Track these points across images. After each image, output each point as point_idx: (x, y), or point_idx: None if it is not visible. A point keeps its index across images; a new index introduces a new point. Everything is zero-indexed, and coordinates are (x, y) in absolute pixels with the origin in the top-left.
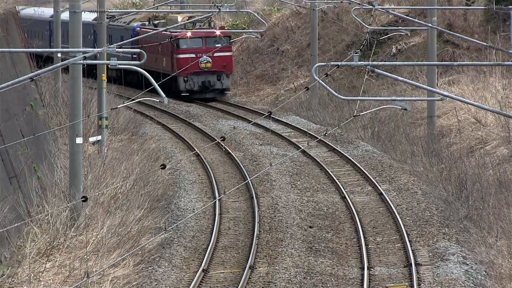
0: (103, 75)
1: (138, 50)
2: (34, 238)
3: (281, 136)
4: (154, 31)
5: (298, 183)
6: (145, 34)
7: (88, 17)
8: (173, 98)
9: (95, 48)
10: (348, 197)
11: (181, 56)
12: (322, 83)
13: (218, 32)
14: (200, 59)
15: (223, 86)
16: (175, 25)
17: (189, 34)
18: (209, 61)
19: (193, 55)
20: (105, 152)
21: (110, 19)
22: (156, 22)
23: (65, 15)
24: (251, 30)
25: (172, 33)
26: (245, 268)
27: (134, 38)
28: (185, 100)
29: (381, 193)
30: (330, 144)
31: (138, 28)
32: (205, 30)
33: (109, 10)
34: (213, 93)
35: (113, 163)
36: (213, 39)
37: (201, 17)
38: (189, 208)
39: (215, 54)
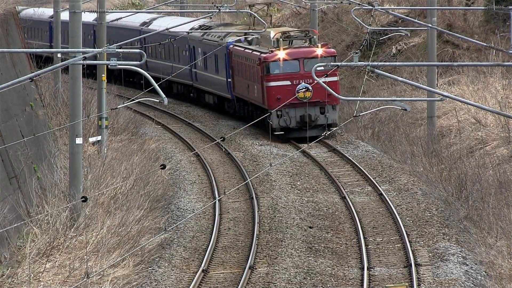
0: (103, 75)
1: (138, 50)
2: (34, 239)
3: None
4: (246, 50)
5: (298, 183)
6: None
7: (134, 20)
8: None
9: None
10: (348, 197)
11: (273, 84)
12: (322, 83)
13: (319, 51)
14: (298, 87)
15: (328, 121)
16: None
17: (282, 54)
18: (309, 89)
19: (288, 82)
20: (105, 152)
21: (205, 32)
22: (250, 38)
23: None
24: (250, 31)
25: (261, 54)
26: (245, 268)
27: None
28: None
29: (381, 194)
30: (330, 144)
31: (231, 46)
32: (303, 49)
33: (108, 11)
34: (316, 131)
35: (113, 163)
36: (314, 61)
37: (296, 32)
38: (189, 209)
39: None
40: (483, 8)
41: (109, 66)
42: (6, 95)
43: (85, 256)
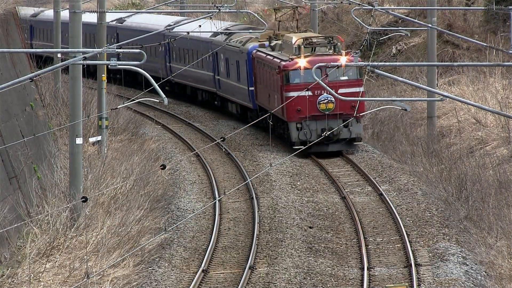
0: (103, 75)
1: (137, 50)
2: (34, 239)
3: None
4: (267, 57)
5: (298, 183)
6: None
7: (158, 23)
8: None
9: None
10: (348, 197)
11: (293, 93)
12: (322, 83)
13: (343, 59)
14: (319, 97)
15: (351, 135)
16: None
17: (302, 62)
18: (331, 100)
19: (310, 93)
20: (105, 152)
21: (227, 37)
22: (273, 43)
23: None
24: (250, 31)
25: (281, 62)
26: (245, 268)
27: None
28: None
29: (381, 194)
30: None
31: (254, 51)
32: (325, 57)
33: (108, 11)
34: (338, 145)
35: (113, 163)
36: (338, 69)
37: (319, 38)
38: (189, 209)
39: (341, 91)
40: (483, 8)
41: (109, 66)
42: (6, 95)
43: (85, 256)
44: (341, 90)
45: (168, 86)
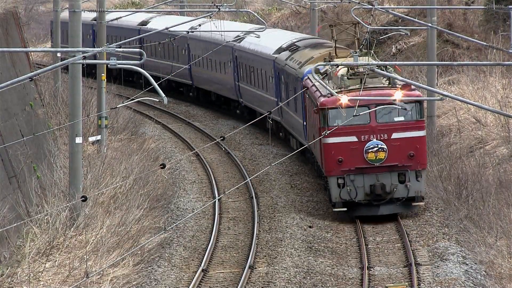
0: (102, 74)
1: (138, 50)
2: (34, 238)
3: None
4: (312, 87)
5: (298, 182)
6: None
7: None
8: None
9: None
10: None
11: (332, 140)
12: (322, 82)
13: (398, 95)
14: (367, 144)
15: (409, 193)
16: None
17: (345, 99)
18: (382, 148)
19: (354, 138)
20: (104, 151)
21: (290, 54)
22: (325, 69)
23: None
24: (250, 30)
25: (320, 97)
26: (245, 268)
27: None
28: None
29: None
30: None
31: (306, 78)
32: (375, 91)
33: (108, 10)
34: (392, 207)
35: (112, 162)
36: (390, 108)
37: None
38: (188, 208)
39: (395, 135)
40: (483, 7)
41: (108, 65)
42: (6, 94)
43: (85, 256)
44: (395, 135)
45: (238, 109)
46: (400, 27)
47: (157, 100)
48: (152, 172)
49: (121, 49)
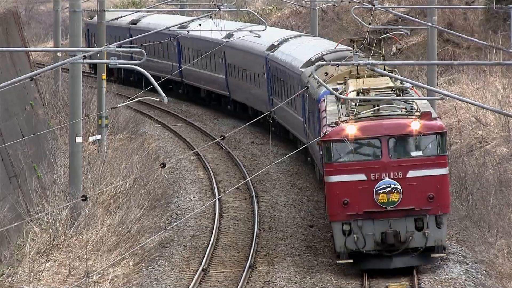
0: (102, 74)
1: (137, 49)
2: (34, 238)
3: (281, 135)
4: (323, 112)
5: (298, 182)
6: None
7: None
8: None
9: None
10: None
11: (336, 178)
12: (322, 82)
13: (416, 125)
14: (378, 184)
15: (427, 243)
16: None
17: (352, 130)
18: (396, 188)
19: (362, 177)
20: (105, 151)
21: (317, 68)
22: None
23: (145, 21)
24: (250, 30)
25: (324, 126)
26: (245, 267)
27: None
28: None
29: None
30: None
31: (322, 100)
32: (388, 121)
33: (108, 10)
34: (407, 259)
35: (113, 162)
36: (406, 140)
37: (385, 89)
38: (189, 207)
39: (411, 174)
40: (483, 7)
41: (109, 65)
42: (6, 94)
43: (85, 255)
44: (411, 173)
45: (273, 126)
46: (400, 27)
47: (158, 99)
48: (153, 171)
49: (121, 49)
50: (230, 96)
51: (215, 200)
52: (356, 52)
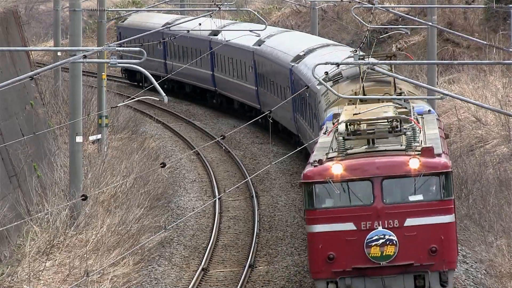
0: (103, 73)
1: (137, 49)
2: (34, 237)
3: (281, 135)
4: (317, 145)
5: (299, 181)
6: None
7: (247, 40)
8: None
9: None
10: None
11: (319, 228)
12: (322, 81)
13: (414, 163)
14: (370, 234)
15: None
16: None
17: (337, 169)
18: (391, 240)
19: (351, 226)
20: (105, 150)
21: (331, 86)
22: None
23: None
24: (250, 29)
25: (307, 165)
26: (245, 267)
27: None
28: None
29: None
30: None
31: (324, 125)
32: (380, 158)
33: (109, 9)
34: None
35: (113, 161)
36: (403, 181)
37: (379, 122)
38: (189, 207)
39: (409, 222)
40: (483, 6)
41: (109, 64)
42: (6, 93)
43: (85, 255)
44: (410, 221)
45: (298, 145)
46: (400, 26)
47: (158, 99)
48: (153, 171)
49: (121, 48)
50: (261, 109)
51: (215, 200)
52: (356, 52)
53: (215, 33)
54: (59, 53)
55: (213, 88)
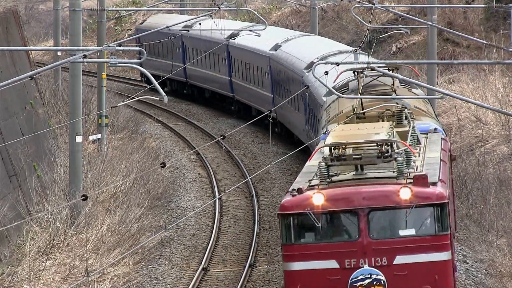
0: (103, 73)
1: (137, 48)
2: (34, 237)
3: (281, 135)
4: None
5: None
6: None
7: (262, 44)
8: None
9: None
10: None
11: (297, 266)
12: (322, 81)
13: (405, 193)
14: (355, 273)
15: None
16: None
17: (318, 199)
18: (379, 280)
19: (333, 263)
20: (105, 150)
21: (335, 99)
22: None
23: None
24: (250, 29)
25: (286, 195)
26: (245, 266)
27: None
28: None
29: None
30: None
31: (321, 143)
32: (368, 187)
33: (109, 9)
34: None
35: (113, 161)
36: (392, 214)
37: (368, 146)
38: (189, 207)
39: (399, 260)
40: (483, 6)
41: (109, 64)
42: (6, 93)
43: (85, 254)
44: (400, 259)
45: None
46: (400, 26)
47: (158, 98)
48: (153, 170)
49: (121, 48)
50: (278, 118)
51: (215, 199)
52: (356, 51)
53: (233, 36)
54: (59, 53)
55: (231, 94)
